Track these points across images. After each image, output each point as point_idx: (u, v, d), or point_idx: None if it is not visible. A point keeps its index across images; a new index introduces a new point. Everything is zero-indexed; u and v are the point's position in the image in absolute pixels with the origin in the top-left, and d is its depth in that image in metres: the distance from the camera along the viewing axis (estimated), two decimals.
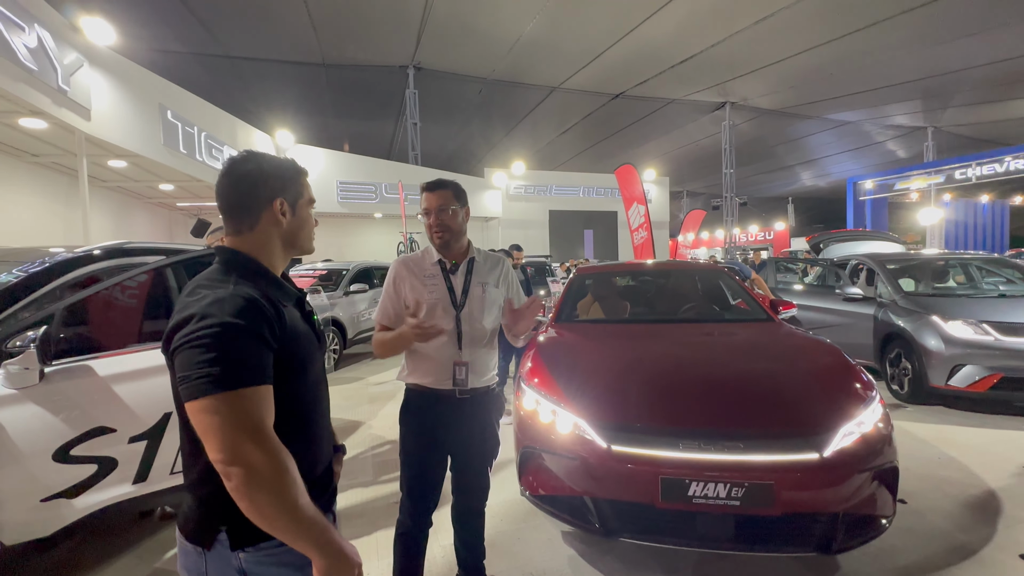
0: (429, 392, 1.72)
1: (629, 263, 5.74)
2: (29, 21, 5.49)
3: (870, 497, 1.94)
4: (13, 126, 6.49)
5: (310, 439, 1.00)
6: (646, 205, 9.80)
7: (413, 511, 1.75)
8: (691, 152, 22.28)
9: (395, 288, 1.75)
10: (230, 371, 0.79)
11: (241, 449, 0.77)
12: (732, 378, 2.35)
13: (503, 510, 2.75)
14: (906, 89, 14.91)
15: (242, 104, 14.52)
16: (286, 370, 0.92)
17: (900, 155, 22.83)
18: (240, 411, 0.79)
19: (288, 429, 0.92)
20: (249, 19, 11.05)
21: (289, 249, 1.04)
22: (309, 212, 1.06)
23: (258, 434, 0.80)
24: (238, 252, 0.97)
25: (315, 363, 1.01)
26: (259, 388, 0.82)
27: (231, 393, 0.79)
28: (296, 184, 1.03)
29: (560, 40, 12.21)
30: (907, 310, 4.68)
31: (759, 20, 11.13)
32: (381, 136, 20.19)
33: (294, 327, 0.95)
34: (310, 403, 1.00)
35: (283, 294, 0.99)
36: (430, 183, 1.74)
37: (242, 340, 0.82)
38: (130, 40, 9.76)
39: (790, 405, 2.12)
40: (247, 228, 0.98)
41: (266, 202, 0.98)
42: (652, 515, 1.94)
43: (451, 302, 1.72)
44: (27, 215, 8.17)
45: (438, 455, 1.76)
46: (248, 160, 0.98)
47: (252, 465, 0.77)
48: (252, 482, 0.77)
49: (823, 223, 31.77)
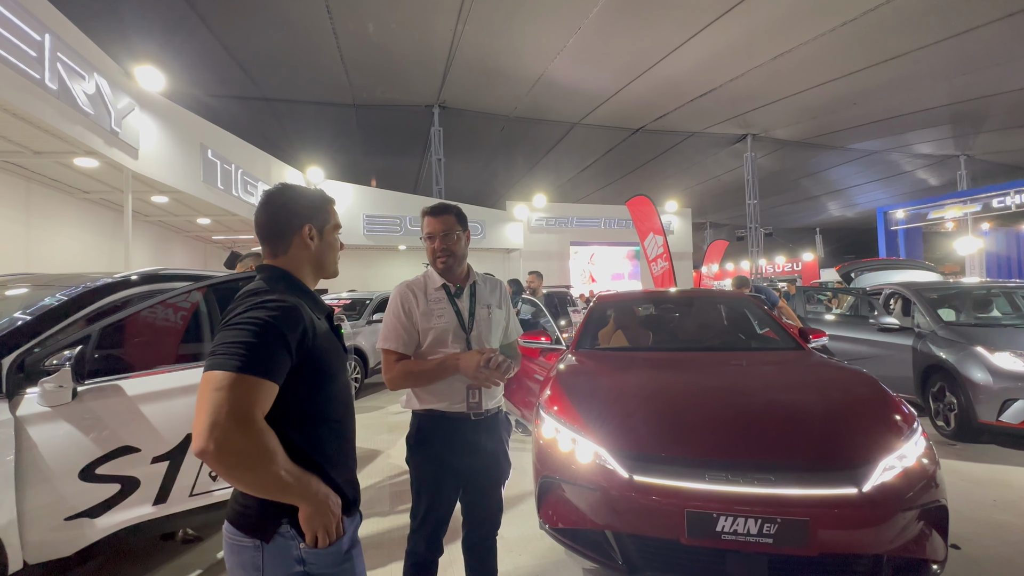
0: (441, 416, 1.67)
1: (651, 291, 5.67)
2: (89, 70, 5.97)
3: (917, 538, 1.79)
4: (68, 165, 6.98)
5: (343, 442, 1.09)
6: (664, 235, 9.69)
7: (428, 540, 1.69)
8: (713, 185, 22.21)
9: (406, 312, 1.69)
10: (250, 357, 0.89)
11: (223, 427, 0.84)
12: (762, 407, 2.25)
13: (522, 544, 2.65)
14: (934, 115, 14.60)
15: (276, 142, 15.29)
16: (318, 375, 1.02)
17: (931, 183, 22.21)
18: (239, 393, 0.87)
19: (324, 432, 1.03)
20: (286, 63, 11.77)
21: (318, 271, 1.15)
22: (335, 237, 1.18)
23: (245, 419, 0.87)
24: (279, 268, 1.10)
25: (343, 372, 1.12)
26: (264, 382, 0.90)
27: (240, 376, 0.87)
28: (323, 212, 1.14)
29: (580, 78, 12.55)
30: (949, 341, 4.44)
31: (778, 55, 11.25)
32: (407, 172, 20.85)
33: (326, 337, 1.06)
34: (343, 407, 1.09)
35: (316, 307, 1.09)
36: (433, 208, 1.74)
37: (271, 337, 0.92)
38: (176, 84, 10.48)
39: (825, 436, 2.01)
40: (281, 251, 1.10)
41: (297, 228, 1.09)
42: (678, 552, 1.83)
43: (460, 326, 1.69)
44: (75, 247, 8.66)
45: (453, 480, 1.70)
46: (283, 192, 1.11)
47: (227, 443, 0.84)
48: (225, 459, 0.84)
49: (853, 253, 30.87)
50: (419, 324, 1.67)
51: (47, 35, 5.24)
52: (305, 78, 12.53)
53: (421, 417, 1.71)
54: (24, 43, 4.93)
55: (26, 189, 7.72)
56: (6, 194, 7.34)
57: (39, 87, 5.13)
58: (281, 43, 10.77)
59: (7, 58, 4.72)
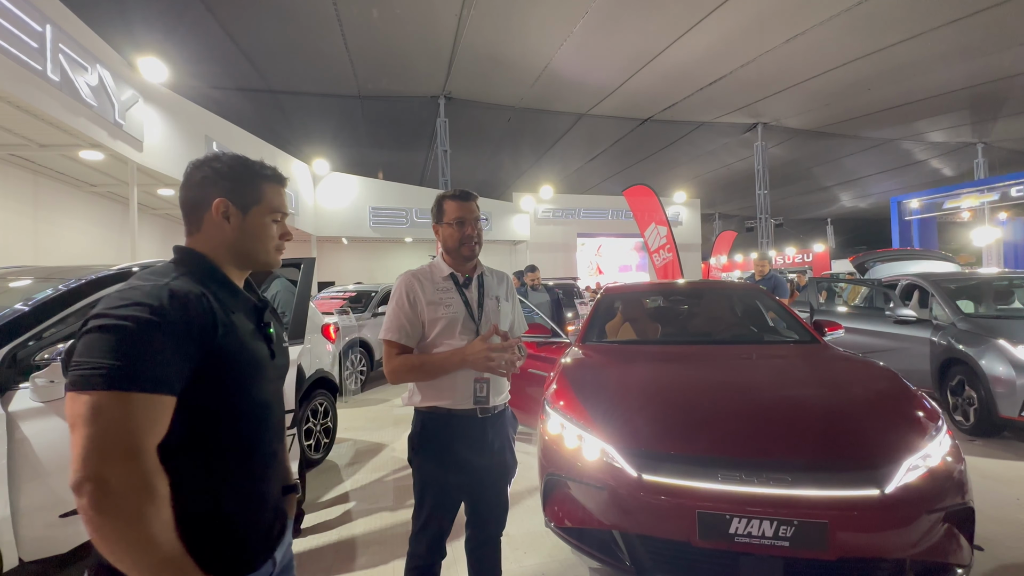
0: (447, 414, 1.59)
1: (660, 282, 5.56)
2: (92, 62, 5.93)
3: (942, 542, 1.70)
4: (74, 158, 6.97)
5: (251, 472, 0.87)
6: (668, 226, 9.47)
7: (430, 544, 1.61)
8: (723, 175, 21.91)
9: (410, 303, 1.60)
10: (125, 369, 0.69)
11: (103, 462, 0.66)
12: (777, 403, 2.16)
13: (527, 542, 2.60)
14: (951, 100, 14.20)
15: (283, 135, 15.27)
16: (221, 385, 0.81)
17: (946, 173, 21.75)
18: (117, 417, 0.68)
19: (223, 462, 0.82)
20: (292, 55, 11.69)
21: (242, 259, 0.94)
22: (268, 222, 0.94)
23: (130, 449, 0.68)
24: (190, 249, 0.91)
25: (261, 383, 0.89)
26: (152, 397, 0.71)
27: (115, 394, 0.68)
28: (251, 188, 0.92)
29: (587, 67, 12.36)
30: (968, 333, 4.31)
31: (790, 38, 10.95)
32: (413, 164, 20.77)
33: (238, 339, 0.84)
34: (252, 429, 0.88)
35: (235, 300, 0.90)
36: (461, 193, 1.66)
37: (150, 338, 0.72)
38: (181, 76, 10.46)
39: (844, 434, 1.92)
40: (194, 229, 0.92)
41: (207, 203, 0.90)
42: (689, 554, 1.76)
43: (470, 316, 1.62)
44: (83, 240, 8.70)
45: (458, 482, 1.62)
46: (206, 160, 0.92)
47: (107, 484, 0.65)
48: (102, 504, 0.65)
49: (865, 244, 30.41)
50: (425, 315, 1.59)
51: (48, 25, 5.19)
52: (310, 69, 12.46)
53: (425, 415, 1.62)
54: (25, 34, 4.89)
55: (33, 182, 7.74)
56: (14, 188, 7.36)
57: (41, 79, 5.09)
58: (286, 33, 10.68)
59: (8, 49, 4.68)
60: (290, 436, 2.58)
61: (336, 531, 2.80)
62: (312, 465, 3.77)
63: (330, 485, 3.48)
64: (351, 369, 6.28)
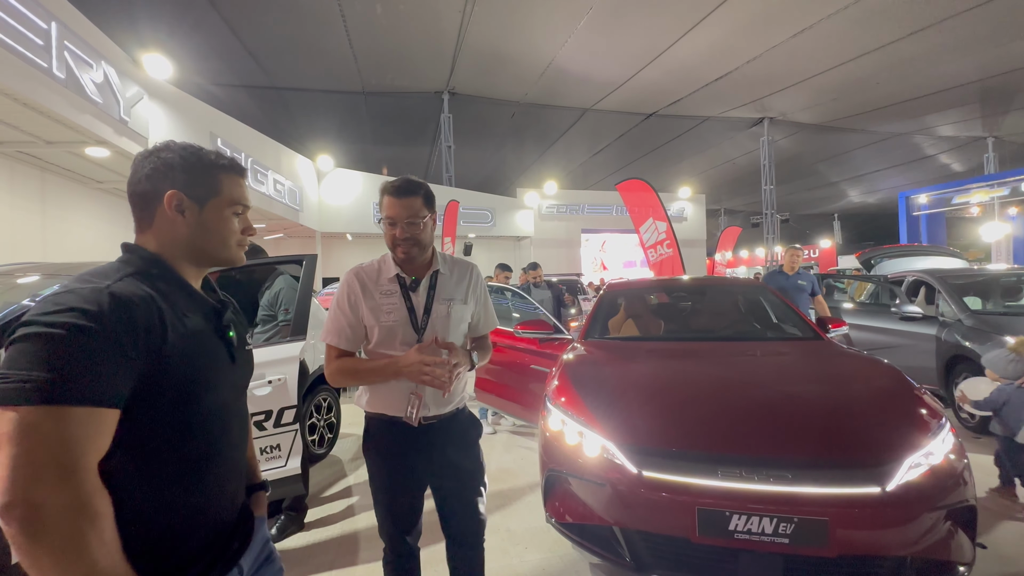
0: (389, 421, 1.51)
1: (664, 279, 5.54)
2: (96, 59, 5.96)
3: (944, 540, 1.70)
4: (80, 155, 7.02)
5: (205, 487, 0.81)
6: (668, 221, 9.21)
7: (392, 543, 1.58)
8: (728, 170, 21.75)
9: (351, 305, 1.50)
10: (58, 381, 0.63)
11: (34, 485, 0.60)
12: (778, 400, 2.15)
13: (528, 537, 2.61)
14: (962, 93, 14.00)
15: (287, 131, 15.28)
16: (172, 393, 0.75)
17: (956, 168, 21.48)
18: (51, 434, 0.61)
19: (174, 473, 0.76)
20: (296, 52, 11.69)
21: (197, 257, 0.87)
22: (228, 215, 0.87)
23: (66, 469, 0.62)
24: (138, 247, 0.84)
25: (219, 388, 0.84)
26: (93, 411, 0.65)
27: (49, 408, 0.62)
28: (207, 179, 0.85)
29: (591, 62, 12.28)
30: (975, 330, 4.27)
31: (797, 33, 10.83)
32: (417, 160, 20.76)
33: (194, 341, 0.79)
34: (209, 438, 0.82)
35: (190, 302, 0.83)
36: (396, 186, 1.45)
37: (87, 347, 0.65)
38: (186, 73, 10.49)
39: (846, 432, 1.91)
40: (145, 226, 0.85)
41: (159, 196, 0.83)
42: (688, 550, 1.76)
43: (412, 324, 1.49)
44: (91, 236, 8.77)
45: (408, 482, 1.55)
46: (156, 149, 0.84)
47: (40, 508, 0.60)
48: (35, 531, 0.59)
49: (872, 240, 30.15)
50: (366, 319, 1.49)
51: (53, 23, 5.22)
52: (314, 66, 12.46)
53: (369, 419, 1.57)
54: (31, 31, 4.92)
55: (41, 180, 7.80)
56: (22, 185, 7.43)
57: (47, 76, 5.13)
58: (290, 29, 10.68)
59: (14, 47, 4.71)
60: (292, 432, 2.60)
61: (339, 525, 2.83)
62: (316, 460, 3.80)
63: (334, 480, 3.51)
64: None
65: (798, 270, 5.01)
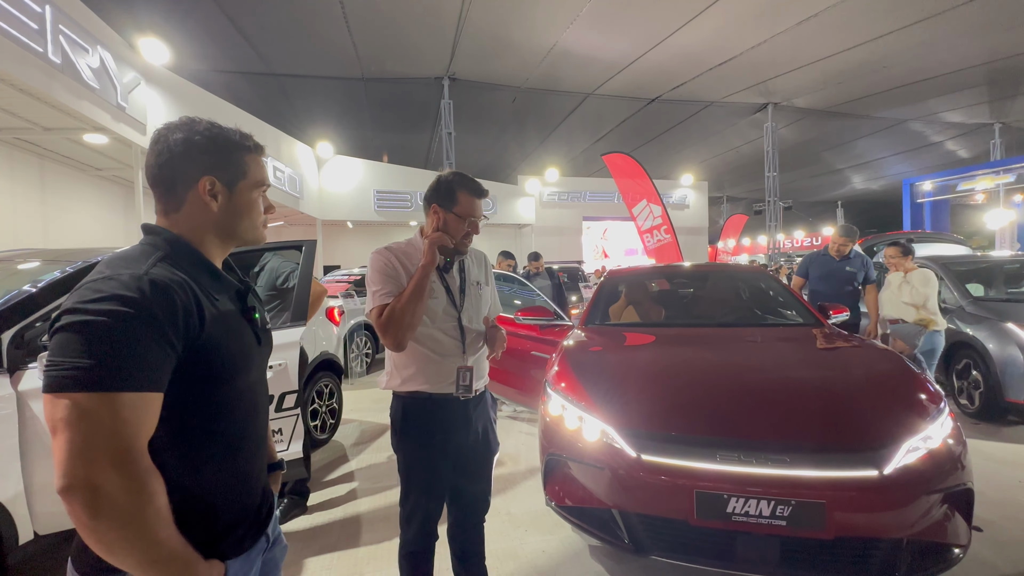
0: (428, 398, 1.54)
1: (665, 265, 5.52)
2: (92, 43, 5.89)
3: (940, 523, 1.71)
4: (78, 142, 6.97)
5: (239, 462, 0.85)
6: (663, 205, 8.95)
7: (421, 528, 1.57)
8: (731, 157, 21.55)
9: (398, 271, 1.54)
10: (107, 368, 0.65)
11: (92, 468, 0.63)
12: (777, 385, 2.16)
13: (528, 520, 2.64)
14: (968, 76, 13.77)
15: (286, 118, 15.15)
16: (208, 375, 0.78)
17: (961, 155, 21.25)
18: (105, 419, 0.64)
19: (212, 450, 0.80)
20: (294, 38, 11.53)
21: (226, 239, 0.88)
22: (254, 197, 0.89)
23: (121, 452, 0.65)
24: (167, 231, 0.84)
25: (249, 368, 0.87)
26: (142, 395, 0.68)
27: (100, 395, 0.64)
28: (235, 161, 0.86)
29: (595, 47, 12.09)
30: (977, 316, 4.26)
31: (803, 20, 10.65)
32: (418, 146, 20.60)
33: (224, 324, 0.81)
34: (242, 417, 0.86)
35: (217, 284, 0.85)
36: (477, 187, 1.60)
37: (134, 334, 0.67)
38: (183, 59, 10.35)
39: (844, 416, 1.92)
40: (172, 209, 0.84)
41: (192, 182, 0.83)
42: (687, 533, 1.78)
43: (451, 303, 1.58)
44: (90, 223, 8.77)
45: (445, 464, 1.58)
46: (179, 128, 0.83)
47: (100, 490, 0.63)
48: (97, 510, 0.63)
49: (876, 227, 29.99)
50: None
51: (48, 7, 5.14)
52: (313, 52, 12.29)
53: (406, 400, 1.57)
54: (25, 15, 4.85)
55: (40, 167, 7.77)
56: (21, 172, 7.40)
57: (43, 60, 5.07)
58: (288, 15, 10.51)
59: (9, 31, 4.65)
60: (293, 416, 2.62)
61: (342, 508, 2.87)
62: (318, 445, 3.84)
63: (336, 464, 3.54)
64: (356, 352, 6.34)
65: (848, 253, 4.36)
